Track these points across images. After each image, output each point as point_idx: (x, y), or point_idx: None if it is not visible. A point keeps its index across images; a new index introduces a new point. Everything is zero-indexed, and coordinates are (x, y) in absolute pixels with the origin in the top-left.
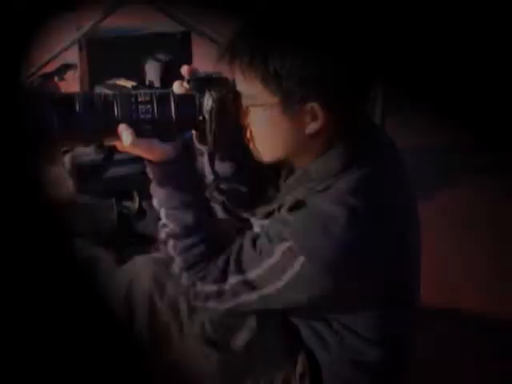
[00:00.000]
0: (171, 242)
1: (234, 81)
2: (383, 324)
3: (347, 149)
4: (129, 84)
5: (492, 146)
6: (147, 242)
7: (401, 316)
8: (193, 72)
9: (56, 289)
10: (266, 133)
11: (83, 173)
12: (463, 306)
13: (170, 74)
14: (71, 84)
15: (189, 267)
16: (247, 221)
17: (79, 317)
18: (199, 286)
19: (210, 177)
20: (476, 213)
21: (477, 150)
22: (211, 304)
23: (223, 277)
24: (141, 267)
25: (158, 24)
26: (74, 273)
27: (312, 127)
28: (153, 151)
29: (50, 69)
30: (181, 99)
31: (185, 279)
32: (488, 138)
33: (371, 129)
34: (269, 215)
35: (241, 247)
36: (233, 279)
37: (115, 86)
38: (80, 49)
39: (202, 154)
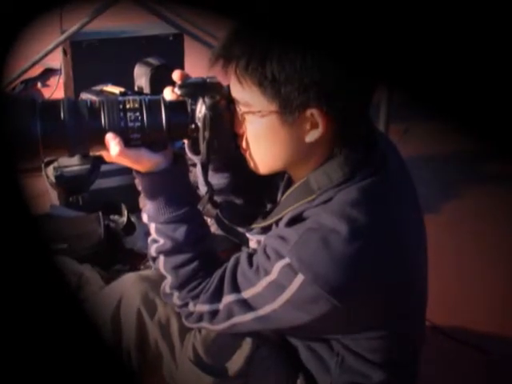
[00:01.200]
0: (162, 259)
1: (228, 86)
2: (387, 345)
3: (349, 158)
4: (116, 90)
5: (501, 154)
6: (136, 259)
7: (406, 337)
8: (185, 77)
9: (39, 308)
10: (263, 142)
11: (68, 185)
12: (471, 325)
13: (160, 80)
14: (55, 90)
15: (180, 285)
16: (243, 236)
17: (63, 336)
18: (191, 306)
19: (203, 189)
20: (484, 225)
21: (486, 159)
22: (204, 325)
23: (217, 296)
24: (129, 285)
25: (148, 26)
26: (57, 291)
27: (312, 135)
28: (142, 162)
29: (32, 74)
30: (172, 106)
31: (176, 298)
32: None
33: (375, 136)
34: (266, 230)
35: (236, 264)
36: (227, 298)
37: (102, 93)
38: (64, 53)
39: (194, 165)
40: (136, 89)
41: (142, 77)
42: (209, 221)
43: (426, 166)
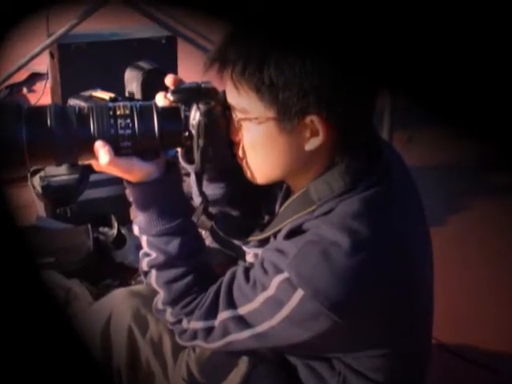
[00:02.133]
0: (154, 273)
1: (224, 92)
2: (391, 364)
3: (351, 167)
4: (106, 96)
5: (508, 162)
6: (127, 273)
7: (411, 355)
8: (178, 82)
9: (24, 325)
10: (260, 150)
11: (55, 195)
12: (479, 343)
13: (152, 85)
14: (42, 96)
15: (173, 301)
16: (239, 249)
17: (50, 355)
18: (185, 323)
19: (197, 199)
20: (492, 236)
21: (492, 167)
22: (198, 342)
23: (212, 312)
24: (120, 301)
25: (140, 28)
26: (44, 307)
27: (312, 143)
28: (133, 171)
29: (18, 79)
30: (164, 112)
31: (169, 315)
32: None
33: (378, 144)
34: (263, 243)
35: (232, 279)
36: (223, 315)
37: (91, 98)
38: (51, 56)
39: (188, 174)
40: (127, 94)
41: (133, 81)
42: (203, 233)
43: (430, 176)
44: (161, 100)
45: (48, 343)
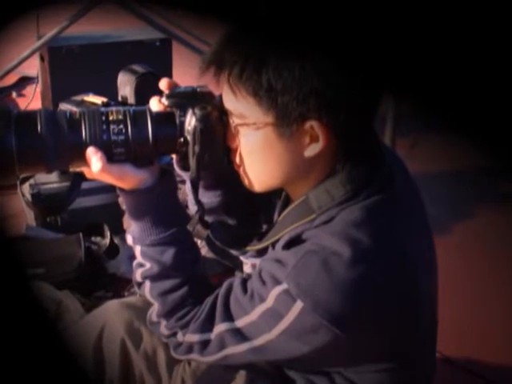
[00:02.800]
0: (148, 284)
1: (220, 96)
2: (394, 379)
3: (352, 174)
4: (99, 100)
5: None
6: (120, 284)
7: (414, 369)
8: (173, 86)
9: (14, 339)
10: (258, 157)
11: (45, 204)
12: (485, 356)
13: (146, 89)
14: (32, 100)
15: (168, 313)
16: (236, 259)
17: (42, 369)
18: (180, 336)
19: (192, 208)
20: (497, 245)
21: (499, 176)
22: (194, 356)
23: (208, 325)
24: (113, 313)
25: (133, 30)
26: (34, 320)
27: (312, 150)
28: (126, 178)
29: (7, 83)
30: (159, 118)
31: (163, 327)
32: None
33: (380, 151)
34: (261, 253)
35: (229, 290)
36: (219, 327)
37: (83, 103)
38: (41, 59)
39: (183, 182)
40: (120, 99)
41: (126, 86)
42: (199, 243)
43: (434, 184)
44: (155, 105)
45: (38, 356)
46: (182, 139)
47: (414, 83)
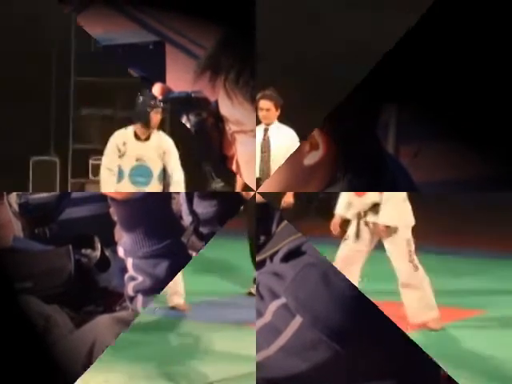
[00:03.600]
0: (140, 298)
1: (216, 102)
2: None
3: (353, 184)
4: None
5: None
6: (111, 298)
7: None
8: (166, 91)
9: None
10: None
11: (33, 214)
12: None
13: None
14: None
15: None
16: None
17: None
18: None
19: (187, 219)
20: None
21: (503, 183)
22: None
23: None
24: (104, 328)
25: (125, 33)
26: (22, 336)
27: (311, 157)
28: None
29: None
30: None
31: None
32: None
33: (382, 159)
34: (259, 266)
35: None
36: None
37: None
38: None
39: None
40: None
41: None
42: (194, 255)
43: (438, 191)
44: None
45: (26, 373)
46: None
47: (417, 91)
